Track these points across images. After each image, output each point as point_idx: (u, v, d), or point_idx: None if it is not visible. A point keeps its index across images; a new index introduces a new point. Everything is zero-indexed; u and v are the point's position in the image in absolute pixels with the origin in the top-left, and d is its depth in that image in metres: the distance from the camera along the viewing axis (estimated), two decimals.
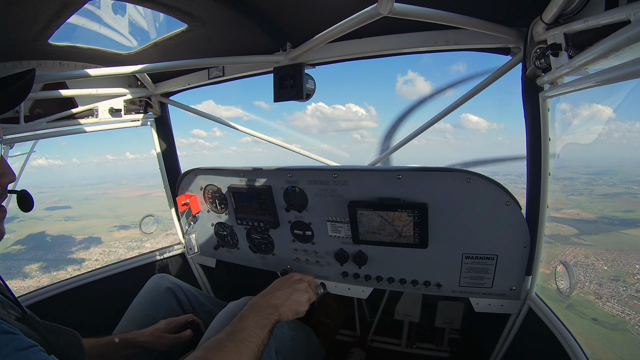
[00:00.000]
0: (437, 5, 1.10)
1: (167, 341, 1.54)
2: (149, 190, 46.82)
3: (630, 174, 23.19)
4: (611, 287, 11.37)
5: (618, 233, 15.92)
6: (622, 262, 12.57)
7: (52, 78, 1.55)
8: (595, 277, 11.46)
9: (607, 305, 10.58)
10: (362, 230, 1.62)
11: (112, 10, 1.51)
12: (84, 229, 30.23)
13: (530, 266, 1.49)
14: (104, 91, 2.03)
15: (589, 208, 20.62)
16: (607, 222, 18.15)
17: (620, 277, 11.80)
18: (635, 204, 20.21)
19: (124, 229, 27.82)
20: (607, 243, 14.65)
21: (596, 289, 11.23)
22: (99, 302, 2.15)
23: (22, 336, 0.75)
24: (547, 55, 1.07)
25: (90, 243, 25.83)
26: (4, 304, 0.89)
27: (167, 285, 1.79)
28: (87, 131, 2.12)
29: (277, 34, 1.55)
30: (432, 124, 1.88)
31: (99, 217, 36.14)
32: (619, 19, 0.76)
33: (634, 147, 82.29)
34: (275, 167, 1.81)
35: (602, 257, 12.80)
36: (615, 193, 21.27)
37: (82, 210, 41.69)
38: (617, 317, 10.04)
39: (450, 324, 2.10)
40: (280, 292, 1.40)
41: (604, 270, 12.13)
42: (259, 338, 1.17)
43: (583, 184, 21.14)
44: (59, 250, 24.46)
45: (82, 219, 36.19)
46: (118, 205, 43.22)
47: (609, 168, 23.16)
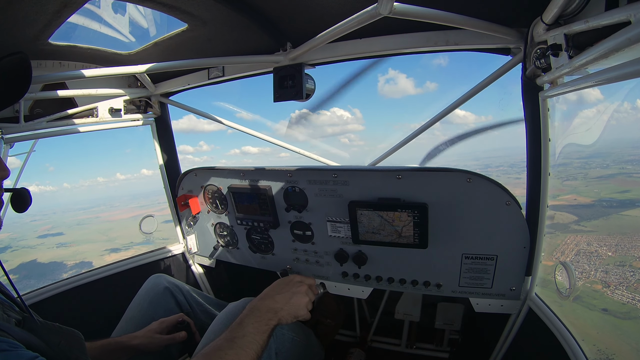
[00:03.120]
0: (437, 5, 1.10)
1: (160, 342, 1.54)
2: (140, 211, 46.92)
3: (622, 154, 23.05)
4: (618, 273, 11.06)
5: (618, 216, 15.72)
6: (626, 246, 12.28)
7: (52, 78, 1.55)
8: (601, 265, 11.22)
9: (617, 293, 10.28)
10: (362, 230, 1.62)
11: (112, 10, 1.51)
12: (75, 255, 30.45)
13: (530, 266, 1.49)
14: (104, 91, 2.03)
15: (585, 192, 20.49)
16: (606, 205, 17.97)
17: (626, 262, 11.53)
18: (631, 183, 20.06)
19: (115, 252, 28.13)
20: (608, 227, 14.43)
21: (603, 277, 10.96)
22: (99, 301, 2.15)
23: (20, 350, 0.74)
24: (547, 55, 1.07)
25: (81, 268, 25.86)
26: (5, 306, 0.88)
27: (165, 285, 1.79)
28: (87, 131, 2.12)
29: (277, 34, 1.55)
30: (433, 123, 1.89)
31: (91, 242, 36.37)
32: (619, 19, 0.76)
33: (623, 128, 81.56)
34: (275, 167, 1.81)
35: (604, 242, 12.56)
36: (610, 174, 21.14)
37: (74, 236, 41.88)
38: (628, 305, 9.72)
39: (450, 325, 2.10)
40: (279, 296, 1.40)
41: (609, 256, 11.88)
42: (258, 344, 1.18)
43: (577, 169, 21.01)
44: (50, 277, 24.51)
45: (75, 244, 36.45)
46: (110, 229, 43.39)
47: (600, 150, 23.01)
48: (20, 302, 0.97)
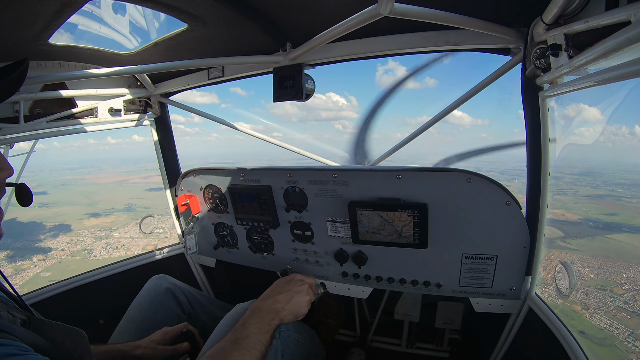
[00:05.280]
0: (437, 5, 1.11)
1: (163, 353, 1.52)
2: (127, 176, 45.90)
3: (614, 176, 23.03)
4: (598, 297, 10.89)
5: (603, 238, 15.65)
6: (608, 271, 12.16)
7: (52, 78, 1.55)
8: (582, 286, 11.07)
9: (595, 317, 10.07)
10: (362, 230, 1.62)
11: (112, 10, 1.51)
12: (55, 216, 29.88)
13: (530, 266, 1.49)
14: (104, 91, 2.03)
15: (574, 209, 20.44)
16: (592, 226, 17.91)
17: (607, 287, 11.37)
18: (619, 206, 20.06)
19: (94, 217, 27.63)
20: (593, 248, 14.32)
21: (583, 298, 10.81)
22: (99, 301, 2.15)
23: (30, 355, 0.74)
24: (547, 55, 1.07)
25: (59, 231, 25.72)
26: (9, 306, 0.87)
27: (167, 286, 1.79)
28: (87, 131, 2.12)
29: (277, 34, 1.55)
30: (433, 123, 1.89)
31: (73, 204, 35.50)
32: (619, 19, 0.76)
33: (618, 151, 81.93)
34: (275, 167, 1.81)
35: (588, 263, 12.42)
36: (599, 195, 21.11)
37: (58, 196, 40.99)
38: (605, 332, 9.50)
39: (450, 324, 2.10)
40: (281, 296, 1.41)
41: (591, 278, 11.75)
42: (262, 344, 1.20)
43: (568, 184, 20.94)
44: (28, 238, 24.44)
45: (56, 205, 35.56)
46: (94, 192, 42.60)
47: (592, 169, 22.96)
48: (21, 300, 0.97)
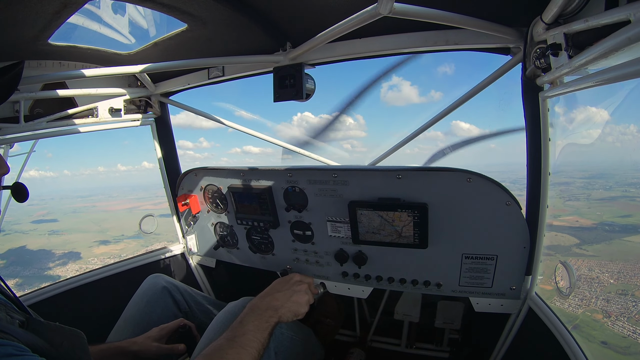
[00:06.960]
0: (437, 5, 1.11)
1: (159, 350, 1.52)
2: (138, 203, 46.34)
3: (626, 176, 22.88)
4: (620, 302, 10.52)
5: (620, 241, 15.37)
6: (628, 274, 11.85)
7: (51, 78, 1.55)
8: (602, 292, 10.76)
9: (617, 324, 9.64)
10: (362, 230, 1.62)
11: (112, 10, 1.51)
12: (65, 244, 30.00)
13: (530, 266, 1.49)
14: (104, 91, 2.03)
15: (587, 214, 20.24)
16: (608, 229, 17.69)
17: (628, 291, 11.03)
18: (634, 207, 19.90)
19: (104, 245, 27.66)
20: (610, 252, 13.99)
21: (604, 305, 10.47)
22: (99, 302, 2.14)
23: (27, 356, 0.74)
24: (547, 55, 1.07)
25: (69, 259, 25.56)
26: (7, 307, 0.87)
27: (163, 284, 1.79)
28: (87, 131, 2.12)
29: (277, 34, 1.55)
30: (433, 123, 1.88)
31: (83, 232, 35.78)
32: (619, 19, 0.76)
33: (627, 150, 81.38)
34: (275, 167, 1.81)
35: (606, 268, 12.10)
36: (612, 197, 20.92)
37: (68, 223, 41.49)
38: (629, 339, 9.06)
39: (450, 324, 2.10)
40: (279, 294, 1.40)
41: (611, 283, 11.47)
42: (259, 342, 1.18)
43: (579, 189, 20.79)
44: (37, 266, 24.30)
45: (66, 233, 35.91)
46: (104, 219, 43.09)
47: (604, 171, 22.83)
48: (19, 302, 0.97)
